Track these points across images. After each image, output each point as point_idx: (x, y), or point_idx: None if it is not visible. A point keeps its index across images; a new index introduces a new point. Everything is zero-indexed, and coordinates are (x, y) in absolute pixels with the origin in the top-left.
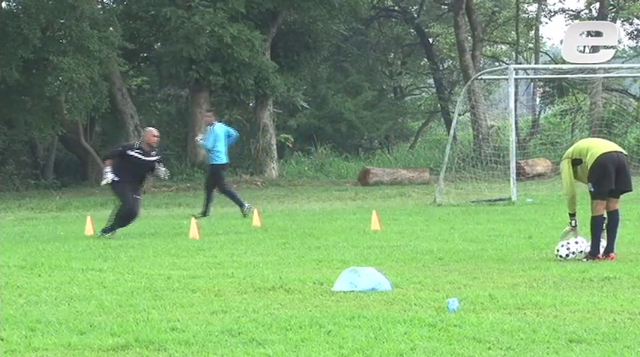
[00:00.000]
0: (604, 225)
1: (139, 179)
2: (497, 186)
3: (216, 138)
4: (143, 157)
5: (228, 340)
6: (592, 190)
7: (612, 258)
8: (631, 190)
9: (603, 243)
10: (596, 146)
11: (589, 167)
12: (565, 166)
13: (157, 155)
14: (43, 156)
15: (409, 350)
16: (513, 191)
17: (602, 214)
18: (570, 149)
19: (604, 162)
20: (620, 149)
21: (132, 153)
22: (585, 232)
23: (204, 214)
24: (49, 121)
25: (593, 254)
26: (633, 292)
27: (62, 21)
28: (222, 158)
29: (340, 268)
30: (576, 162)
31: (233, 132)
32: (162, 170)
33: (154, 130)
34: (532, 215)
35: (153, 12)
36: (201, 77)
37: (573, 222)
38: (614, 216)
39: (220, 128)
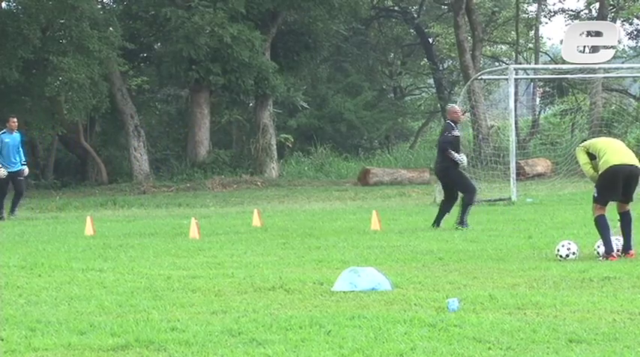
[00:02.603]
0: (609, 223)
1: None
2: (497, 186)
3: (18, 146)
4: None
5: (228, 340)
6: (594, 195)
7: (631, 255)
8: (631, 201)
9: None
10: (612, 153)
11: (599, 172)
12: (581, 155)
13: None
14: (43, 156)
15: (409, 350)
16: (513, 191)
17: (603, 214)
18: (588, 142)
19: (614, 173)
20: (633, 162)
21: None
22: (586, 232)
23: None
24: (49, 121)
25: (607, 252)
26: (633, 292)
27: (62, 21)
28: (18, 166)
29: (340, 268)
30: (590, 156)
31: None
32: None
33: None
34: (532, 215)
35: (153, 12)
36: (201, 77)
37: None
38: (625, 216)
39: (19, 137)
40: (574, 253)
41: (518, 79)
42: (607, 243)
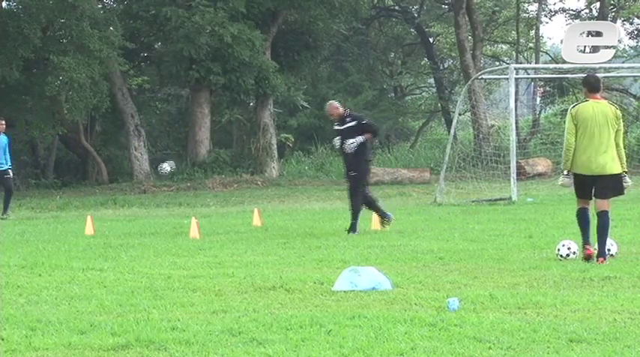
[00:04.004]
0: (588, 220)
1: None
2: (498, 185)
3: (5, 147)
4: None
5: (228, 340)
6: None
7: (601, 262)
8: (606, 198)
9: (574, 249)
10: (583, 150)
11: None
12: (569, 124)
13: None
14: (43, 155)
15: (409, 350)
16: (514, 191)
17: (584, 207)
18: (579, 110)
19: (579, 178)
20: (599, 168)
21: None
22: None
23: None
24: (49, 120)
25: (584, 245)
26: (633, 291)
27: (63, 20)
28: (4, 166)
29: (341, 267)
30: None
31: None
32: None
33: None
34: (532, 215)
35: (153, 11)
36: (202, 77)
37: (566, 171)
38: (602, 218)
39: (6, 139)
40: (574, 253)
41: (519, 79)
42: (584, 237)
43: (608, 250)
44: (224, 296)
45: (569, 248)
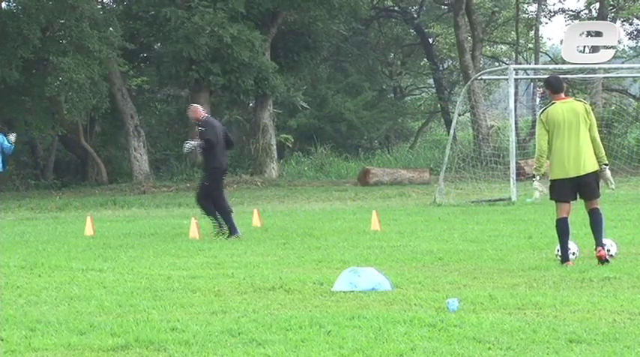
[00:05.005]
0: (568, 231)
1: None
2: (497, 186)
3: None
4: None
5: (228, 341)
6: (549, 195)
7: (600, 252)
8: (595, 198)
9: (573, 249)
10: (558, 155)
11: (548, 175)
12: (540, 130)
13: None
14: (42, 156)
15: (409, 350)
16: (513, 191)
17: (564, 217)
18: (548, 115)
19: (560, 184)
20: (579, 169)
21: None
22: (585, 232)
23: None
24: (49, 121)
25: (562, 260)
26: (633, 292)
27: (62, 21)
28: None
29: (340, 268)
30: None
31: (7, 145)
32: None
33: None
34: (532, 215)
35: (153, 12)
36: (201, 77)
37: (538, 177)
38: (594, 215)
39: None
40: (574, 254)
41: (518, 79)
42: (563, 250)
43: (608, 250)
44: (224, 297)
45: (568, 249)
